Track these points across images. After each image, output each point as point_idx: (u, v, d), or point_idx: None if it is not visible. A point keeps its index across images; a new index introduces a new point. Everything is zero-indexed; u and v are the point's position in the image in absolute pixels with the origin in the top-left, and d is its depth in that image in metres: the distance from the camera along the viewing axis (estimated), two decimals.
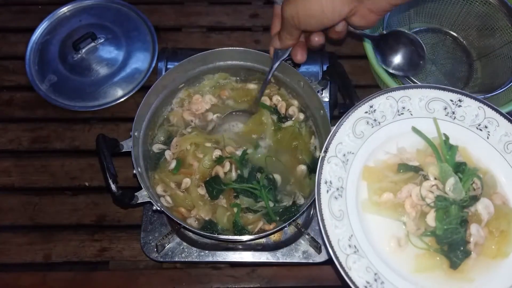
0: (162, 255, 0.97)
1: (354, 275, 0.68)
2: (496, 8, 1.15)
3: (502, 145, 0.79)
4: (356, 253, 0.71)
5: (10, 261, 1.03)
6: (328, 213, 0.72)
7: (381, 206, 0.77)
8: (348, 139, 0.79)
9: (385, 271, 0.71)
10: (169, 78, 1.00)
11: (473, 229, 0.74)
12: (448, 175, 0.75)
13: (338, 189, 0.75)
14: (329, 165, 0.76)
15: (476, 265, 0.73)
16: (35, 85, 1.18)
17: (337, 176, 0.76)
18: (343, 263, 0.69)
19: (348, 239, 0.71)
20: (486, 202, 0.75)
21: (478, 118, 0.81)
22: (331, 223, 0.71)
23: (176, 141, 0.99)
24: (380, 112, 0.81)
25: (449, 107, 0.82)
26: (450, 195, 0.74)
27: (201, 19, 1.31)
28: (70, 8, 1.29)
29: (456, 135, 0.81)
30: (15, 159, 1.13)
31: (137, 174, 0.88)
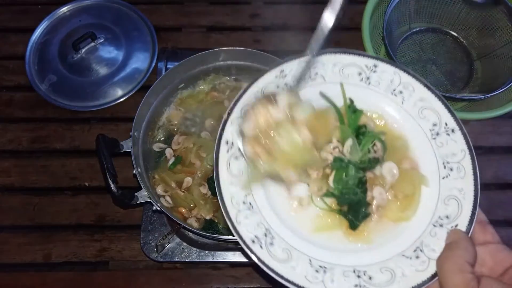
0: (162, 255, 0.97)
1: (242, 229, 0.68)
2: (496, 8, 1.15)
3: (417, 110, 0.78)
4: (249, 209, 0.70)
5: (10, 261, 1.03)
6: (225, 170, 0.72)
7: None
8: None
9: (278, 228, 0.71)
10: (169, 78, 1.00)
11: (375, 191, 0.74)
12: (347, 136, 0.75)
13: (239, 150, 0.73)
14: (232, 126, 0.74)
15: (377, 228, 0.73)
16: (35, 85, 1.18)
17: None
18: (232, 217, 0.68)
19: (244, 196, 0.71)
20: (390, 165, 0.75)
21: (393, 84, 0.79)
22: (226, 180, 0.71)
23: (178, 138, 1.00)
24: (291, 76, 0.78)
25: (363, 72, 0.80)
26: (347, 156, 0.74)
27: (201, 19, 1.31)
28: (70, 8, 1.29)
29: (370, 100, 0.79)
30: (15, 159, 1.13)
31: (137, 174, 0.88)
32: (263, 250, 0.68)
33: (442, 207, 0.72)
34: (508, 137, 1.17)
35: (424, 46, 1.25)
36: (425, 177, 0.75)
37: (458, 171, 0.73)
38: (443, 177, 0.74)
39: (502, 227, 1.08)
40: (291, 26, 1.30)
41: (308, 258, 0.69)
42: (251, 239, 0.68)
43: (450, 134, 0.75)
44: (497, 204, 1.10)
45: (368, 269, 0.67)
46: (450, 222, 0.69)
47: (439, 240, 0.67)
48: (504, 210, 1.09)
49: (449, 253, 0.62)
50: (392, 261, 0.68)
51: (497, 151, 1.16)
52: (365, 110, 0.79)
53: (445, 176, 0.74)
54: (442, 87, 1.21)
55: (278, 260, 0.68)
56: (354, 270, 0.67)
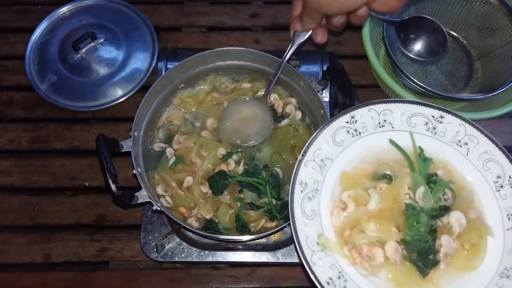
0: (162, 255, 0.97)
1: (317, 270, 0.71)
2: (496, 8, 1.15)
3: (481, 162, 0.81)
4: (323, 251, 0.73)
5: (10, 261, 1.03)
6: (299, 211, 0.75)
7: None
8: (327, 146, 0.82)
9: (350, 271, 0.73)
10: (169, 78, 1.00)
11: (443, 240, 0.76)
12: (418, 184, 0.78)
13: (312, 191, 0.78)
14: (306, 168, 0.79)
15: (445, 275, 0.75)
16: (35, 85, 1.18)
17: (313, 178, 0.79)
18: (308, 258, 0.71)
19: (316, 237, 0.74)
20: (458, 215, 0.77)
21: (458, 135, 0.83)
22: (301, 221, 0.74)
23: (178, 138, 1.00)
24: (361, 123, 0.84)
25: (430, 122, 0.84)
26: (419, 204, 0.77)
27: (201, 19, 1.31)
28: (70, 8, 1.29)
29: (436, 150, 0.83)
30: (15, 159, 1.13)
31: (137, 174, 0.88)
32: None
33: (508, 258, 0.73)
34: (508, 137, 1.17)
35: None
36: (490, 228, 0.77)
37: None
38: (508, 229, 0.76)
39: None
40: None
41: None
42: (326, 281, 0.70)
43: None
44: None
45: None
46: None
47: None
48: None
49: None
50: None
51: None
52: (433, 159, 0.82)
53: (510, 228, 0.76)
54: (442, 87, 1.21)
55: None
56: None
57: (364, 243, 0.75)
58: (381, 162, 0.84)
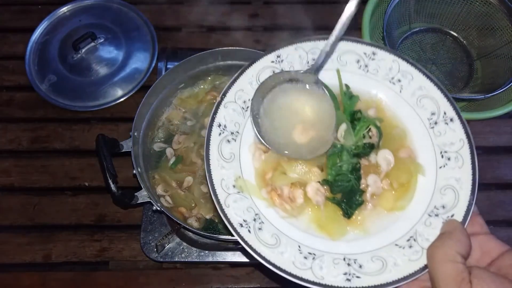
0: (162, 255, 0.97)
1: (230, 212, 0.67)
2: (496, 8, 1.15)
3: (415, 99, 0.76)
4: (239, 193, 0.70)
5: (10, 261, 1.03)
6: (216, 153, 0.72)
7: None
8: (251, 87, 0.76)
9: (268, 213, 0.70)
10: (169, 78, 1.00)
11: (370, 179, 0.72)
12: (340, 121, 0.74)
13: (232, 133, 0.74)
14: (226, 110, 0.75)
15: (371, 216, 0.72)
16: (35, 85, 1.18)
17: (234, 121, 0.75)
18: (221, 200, 0.67)
19: (234, 180, 0.71)
20: (385, 153, 0.73)
21: (391, 72, 0.77)
22: (217, 163, 0.71)
23: (178, 138, 1.00)
24: (288, 62, 0.78)
25: (362, 59, 0.78)
26: (341, 141, 0.73)
27: (201, 19, 1.31)
28: (70, 8, 1.29)
29: (368, 88, 0.78)
30: (15, 159, 1.13)
31: (137, 174, 0.88)
32: (251, 235, 0.66)
33: (438, 197, 0.70)
34: (508, 137, 1.17)
35: (424, 46, 1.25)
36: (421, 166, 0.73)
37: (456, 161, 0.71)
38: (440, 166, 0.72)
39: (502, 227, 1.08)
40: (291, 26, 1.30)
41: (297, 245, 0.67)
42: (239, 223, 0.67)
43: (449, 123, 0.73)
44: (497, 204, 1.10)
45: (359, 257, 0.66)
46: (446, 212, 0.67)
47: (434, 230, 0.66)
48: (504, 210, 1.09)
49: (441, 242, 0.60)
50: (384, 250, 0.66)
51: (497, 151, 1.16)
52: (362, 98, 0.77)
53: (443, 166, 0.72)
54: None
55: (266, 245, 0.66)
56: (344, 258, 0.66)
57: (284, 184, 0.72)
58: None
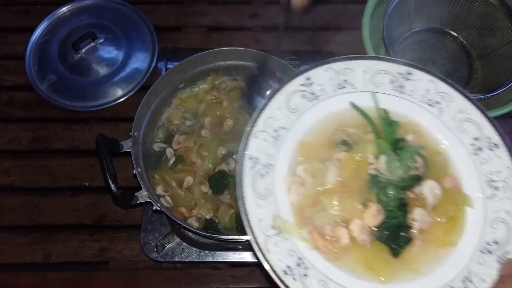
0: (162, 255, 0.97)
1: (272, 258, 0.61)
2: (496, 8, 1.15)
3: (456, 123, 0.71)
4: (279, 235, 0.64)
5: (10, 261, 1.03)
6: (250, 191, 0.65)
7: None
8: (281, 113, 0.72)
9: (312, 256, 0.64)
10: (169, 78, 1.00)
11: (416, 213, 0.67)
12: (383, 151, 0.69)
13: (265, 166, 0.68)
14: (257, 140, 0.69)
15: (420, 254, 0.66)
16: (35, 85, 1.18)
17: (266, 152, 0.69)
18: (261, 244, 0.61)
19: (272, 220, 0.64)
20: (431, 185, 0.68)
21: (429, 93, 0.73)
22: (253, 202, 0.64)
23: (178, 138, 1.00)
24: (318, 85, 0.73)
25: (396, 80, 0.73)
26: (385, 174, 0.68)
27: (201, 19, 1.31)
28: (70, 8, 1.28)
29: (404, 112, 0.73)
30: (15, 159, 1.13)
31: (137, 174, 0.88)
32: (296, 283, 0.61)
33: (489, 232, 0.64)
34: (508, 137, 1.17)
35: (424, 46, 1.25)
36: (469, 198, 0.68)
37: (504, 191, 0.66)
38: (488, 197, 0.67)
39: None
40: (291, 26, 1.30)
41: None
42: (283, 270, 0.61)
43: (494, 150, 0.69)
44: None
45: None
46: (499, 249, 0.63)
47: (489, 269, 0.61)
48: None
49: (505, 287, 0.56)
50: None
51: None
52: (400, 122, 0.72)
53: (490, 196, 0.67)
54: None
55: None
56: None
57: (326, 223, 0.66)
58: (342, 129, 0.73)
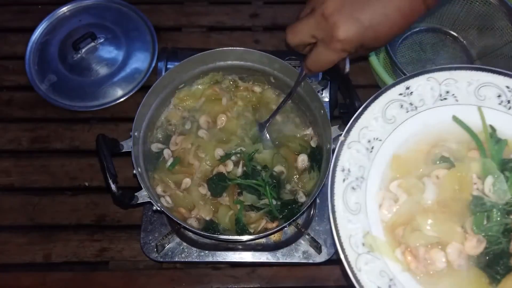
0: (162, 255, 0.97)
1: (363, 277, 0.59)
2: (496, 8, 1.15)
3: None
4: (369, 253, 0.61)
5: (9, 261, 1.03)
6: (341, 204, 0.62)
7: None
8: (376, 124, 0.68)
9: (404, 279, 0.61)
10: (169, 78, 1.00)
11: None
12: (490, 172, 0.63)
13: (357, 179, 0.65)
14: (349, 151, 0.65)
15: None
16: (35, 85, 1.18)
17: (358, 164, 0.65)
18: (352, 262, 0.59)
19: (362, 237, 0.62)
20: None
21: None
22: (343, 216, 0.62)
23: (175, 139, 0.99)
24: (418, 95, 0.69)
25: (504, 94, 0.68)
26: (490, 196, 0.63)
27: (201, 19, 1.31)
28: (70, 8, 1.28)
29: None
30: (15, 159, 1.13)
31: (137, 174, 0.88)
32: None
33: None
34: None
35: (424, 46, 1.25)
36: None
37: None
38: None
39: None
40: None
41: None
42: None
43: None
44: None
45: None
46: None
47: None
48: None
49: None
50: None
51: None
52: (509, 141, 0.67)
53: None
54: None
55: None
56: None
57: (420, 244, 0.62)
58: (441, 144, 0.69)
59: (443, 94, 0.70)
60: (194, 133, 1.01)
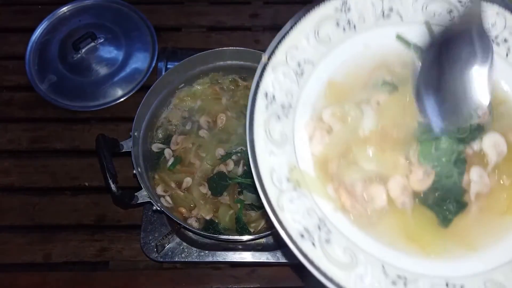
0: (162, 255, 0.97)
1: (286, 217, 0.50)
2: None
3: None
4: (296, 190, 0.52)
5: (10, 261, 1.03)
6: (262, 134, 0.54)
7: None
8: (307, 44, 0.60)
9: (336, 219, 0.52)
10: (169, 78, 1.00)
11: (474, 173, 0.54)
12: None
13: (283, 107, 0.56)
14: (274, 74, 0.57)
15: (477, 224, 0.54)
16: (35, 85, 1.18)
17: (285, 90, 0.57)
18: (272, 200, 0.51)
19: (288, 171, 0.53)
20: (495, 138, 0.55)
21: (495, 28, 0.60)
22: (265, 148, 0.53)
23: (176, 138, 1.00)
24: (356, 11, 0.61)
25: (455, 10, 0.61)
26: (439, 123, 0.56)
27: (201, 19, 1.31)
28: (70, 8, 1.28)
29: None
30: (15, 159, 1.13)
31: (137, 174, 0.88)
32: (316, 250, 0.49)
33: None
34: None
35: None
36: None
37: None
38: None
39: None
40: None
41: (381, 264, 0.50)
42: (300, 233, 0.50)
43: None
44: None
45: (467, 282, 0.49)
46: None
47: None
48: None
49: None
50: (502, 272, 0.50)
51: None
52: None
53: None
54: None
55: (338, 265, 0.49)
56: (447, 283, 0.49)
57: (357, 179, 0.54)
58: (384, 67, 0.61)
59: (386, 11, 0.61)
60: (194, 133, 1.01)
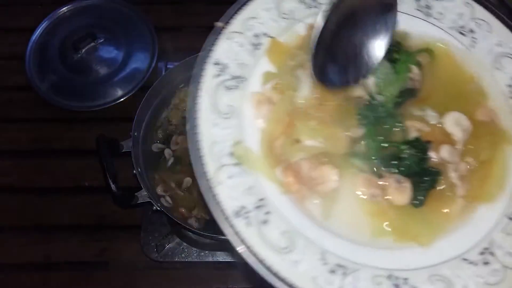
0: (162, 255, 0.97)
1: (223, 192, 0.46)
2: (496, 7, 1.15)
3: (492, 58, 0.58)
4: (238, 166, 0.48)
5: (10, 261, 1.03)
6: (207, 103, 0.50)
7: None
8: (267, 16, 0.57)
9: (280, 201, 0.48)
10: (169, 78, 1.00)
11: (444, 151, 0.51)
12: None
13: (235, 78, 0.53)
14: (228, 43, 0.56)
15: (428, 216, 0.50)
16: (35, 85, 1.18)
17: (239, 60, 0.55)
18: (209, 173, 0.46)
19: (231, 145, 0.49)
20: (455, 116, 0.53)
21: (462, 19, 0.60)
22: (208, 118, 0.50)
23: (176, 138, 1.00)
24: None
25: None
26: (378, 97, 0.53)
27: (201, 19, 1.31)
28: (70, 8, 1.28)
29: (428, 37, 0.60)
30: (15, 159, 1.13)
31: (137, 174, 0.88)
32: (250, 229, 0.46)
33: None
34: None
35: None
36: (509, 134, 0.53)
37: None
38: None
39: None
40: None
41: (320, 251, 0.46)
42: (234, 210, 0.46)
43: None
44: None
45: (411, 275, 0.46)
46: None
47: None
48: None
49: None
50: (448, 266, 0.46)
51: None
52: (418, 45, 0.58)
53: None
54: None
55: (273, 249, 0.45)
56: (389, 275, 0.45)
57: (302, 158, 0.49)
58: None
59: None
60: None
